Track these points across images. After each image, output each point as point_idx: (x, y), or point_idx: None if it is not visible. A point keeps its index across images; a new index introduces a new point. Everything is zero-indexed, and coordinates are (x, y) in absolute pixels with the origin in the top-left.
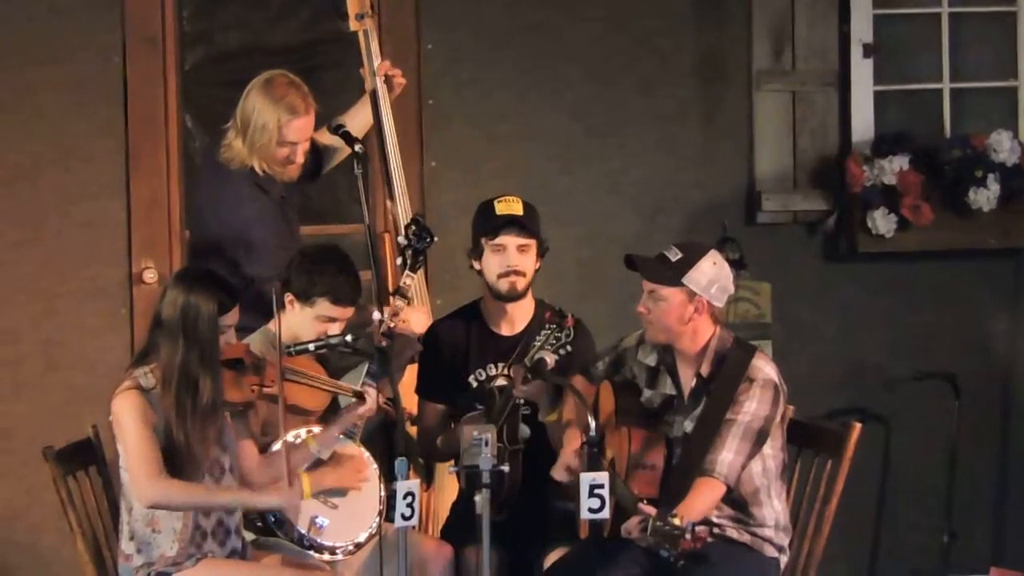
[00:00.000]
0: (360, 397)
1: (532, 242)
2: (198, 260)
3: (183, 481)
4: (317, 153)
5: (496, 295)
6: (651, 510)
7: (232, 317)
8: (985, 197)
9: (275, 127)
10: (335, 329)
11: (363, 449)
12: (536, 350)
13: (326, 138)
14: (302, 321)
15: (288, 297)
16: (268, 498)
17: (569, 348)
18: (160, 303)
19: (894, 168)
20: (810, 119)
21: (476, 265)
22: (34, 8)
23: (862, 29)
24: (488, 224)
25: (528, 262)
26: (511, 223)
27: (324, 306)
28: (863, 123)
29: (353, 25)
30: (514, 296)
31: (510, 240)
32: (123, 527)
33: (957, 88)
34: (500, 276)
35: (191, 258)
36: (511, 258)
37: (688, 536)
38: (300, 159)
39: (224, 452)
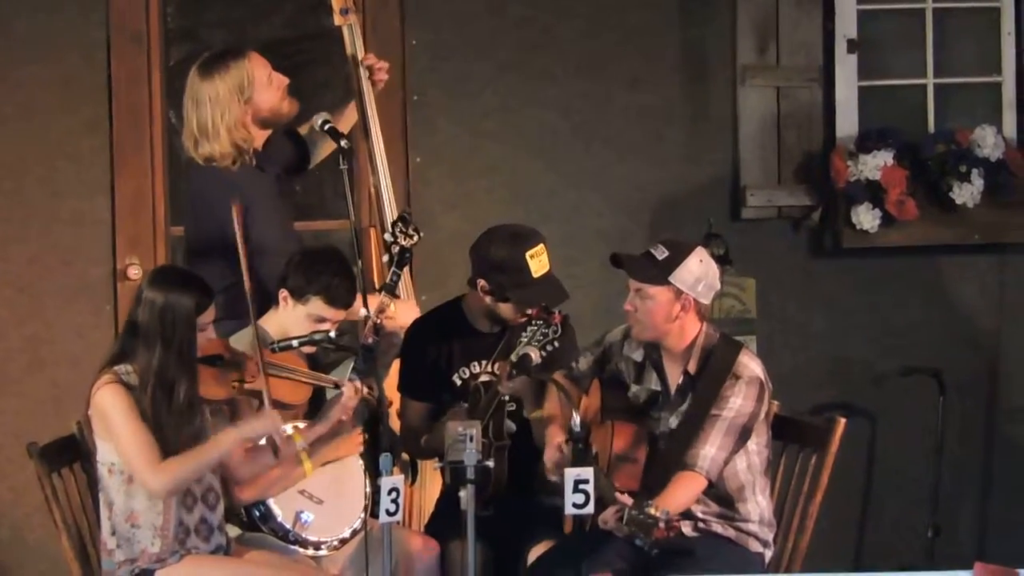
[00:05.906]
0: (338, 387)
1: None
2: (195, 260)
3: (180, 454)
4: (302, 144)
5: (499, 320)
6: (627, 500)
7: (209, 315)
8: (969, 192)
9: (241, 84)
10: None
11: None
12: (522, 346)
13: (308, 129)
14: (294, 319)
15: (283, 294)
16: (255, 425)
17: (556, 344)
18: (135, 306)
19: (878, 163)
20: (794, 114)
21: (483, 287)
22: (19, 5)
23: (846, 25)
24: (526, 288)
25: None
26: (552, 297)
27: (317, 305)
28: (847, 118)
29: (337, 19)
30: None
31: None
32: (104, 522)
33: (941, 83)
34: (516, 315)
35: (188, 260)
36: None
37: (662, 524)
38: (285, 81)
39: None
